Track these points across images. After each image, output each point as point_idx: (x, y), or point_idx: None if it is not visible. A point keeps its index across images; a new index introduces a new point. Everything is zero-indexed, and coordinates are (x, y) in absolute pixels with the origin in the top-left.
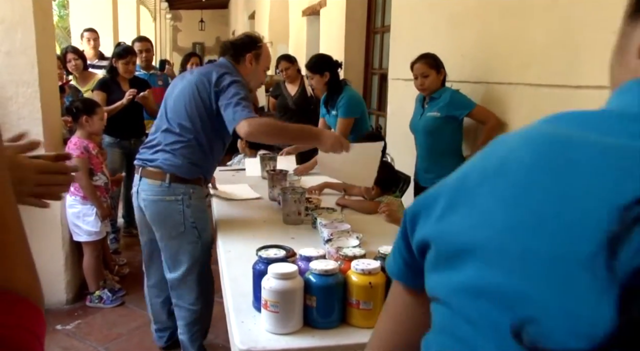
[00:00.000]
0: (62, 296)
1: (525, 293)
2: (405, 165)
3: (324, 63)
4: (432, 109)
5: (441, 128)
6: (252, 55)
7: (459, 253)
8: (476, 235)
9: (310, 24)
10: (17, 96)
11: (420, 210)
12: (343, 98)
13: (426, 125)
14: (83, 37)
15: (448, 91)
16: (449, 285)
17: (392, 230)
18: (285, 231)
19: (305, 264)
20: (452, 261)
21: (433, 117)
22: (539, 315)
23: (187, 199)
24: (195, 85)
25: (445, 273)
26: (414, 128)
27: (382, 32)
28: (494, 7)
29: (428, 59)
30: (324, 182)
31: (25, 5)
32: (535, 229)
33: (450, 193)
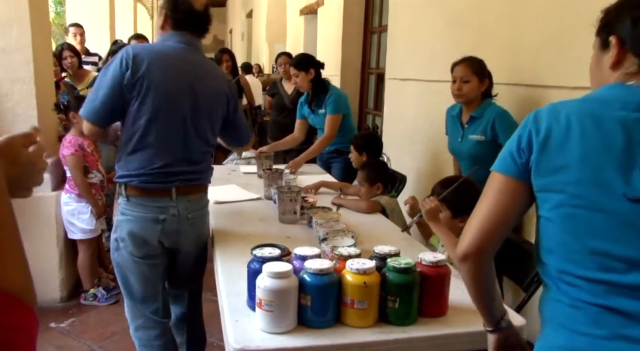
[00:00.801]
0: (56, 294)
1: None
2: (401, 165)
3: (308, 60)
4: (475, 131)
5: (490, 154)
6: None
7: (561, 167)
8: (568, 159)
9: (307, 23)
10: (12, 93)
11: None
12: (331, 96)
13: (471, 152)
14: (69, 32)
15: (492, 109)
16: (562, 181)
17: (387, 230)
18: (281, 230)
19: (300, 263)
20: (558, 171)
21: (477, 142)
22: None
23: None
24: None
25: (557, 176)
26: (456, 153)
27: (380, 32)
28: (490, 7)
29: (473, 62)
30: (320, 181)
31: (21, 2)
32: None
33: (545, 139)
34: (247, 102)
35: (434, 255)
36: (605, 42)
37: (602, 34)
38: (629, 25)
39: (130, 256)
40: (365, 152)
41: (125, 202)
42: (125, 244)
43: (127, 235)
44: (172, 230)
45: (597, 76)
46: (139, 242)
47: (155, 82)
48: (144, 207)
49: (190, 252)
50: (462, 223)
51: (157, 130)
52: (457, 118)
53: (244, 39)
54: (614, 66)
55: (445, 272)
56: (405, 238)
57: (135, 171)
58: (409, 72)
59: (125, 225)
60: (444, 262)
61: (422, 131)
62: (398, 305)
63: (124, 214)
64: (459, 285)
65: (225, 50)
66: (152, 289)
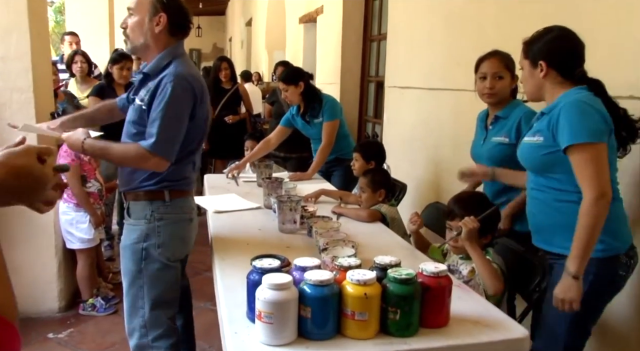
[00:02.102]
0: (54, 304)
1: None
2: (402, 173)
3: (297, 74)
4: (499, 132)
5: (512, 159)
6: None
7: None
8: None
9: (307, 31)
10: (11, 102)
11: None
12: (327, 104)
13: (492, 154)
14: (64, 40)
15: (520, 109)
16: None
17: (387, 239)
18: (280, 239)
19: (300, 274)
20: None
21: (499, 144)
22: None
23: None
24: None
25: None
26: (476, 157)
27: (379, 40)
28: (490, 15)
29: (504, 56)
30: (320, 190)
31: (20, 10)
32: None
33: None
34: (246, 109)
35: (435, 265)
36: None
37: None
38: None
39: (167, 261)
40: (373, 160)
41: (164, 206)
42: (164, 249)
43: (170, 238)
44: (195, 230)
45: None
46: (180, 244)
47: (204, 106)
48: (185, 207)
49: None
50: (485, 239)
51: (199, 146)
52: (482, 121)
53: (243, 47)
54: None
55: (447, 283)
56: (407, 248)
57: (180, 176)
58: (408, 79)
59: (167, 229)
60: (445, 272)
61: (422, 139)
62: (399, 316)
63: (163, 219)
64: (460, 295)
65: (224, 58)
66: (176, 292)
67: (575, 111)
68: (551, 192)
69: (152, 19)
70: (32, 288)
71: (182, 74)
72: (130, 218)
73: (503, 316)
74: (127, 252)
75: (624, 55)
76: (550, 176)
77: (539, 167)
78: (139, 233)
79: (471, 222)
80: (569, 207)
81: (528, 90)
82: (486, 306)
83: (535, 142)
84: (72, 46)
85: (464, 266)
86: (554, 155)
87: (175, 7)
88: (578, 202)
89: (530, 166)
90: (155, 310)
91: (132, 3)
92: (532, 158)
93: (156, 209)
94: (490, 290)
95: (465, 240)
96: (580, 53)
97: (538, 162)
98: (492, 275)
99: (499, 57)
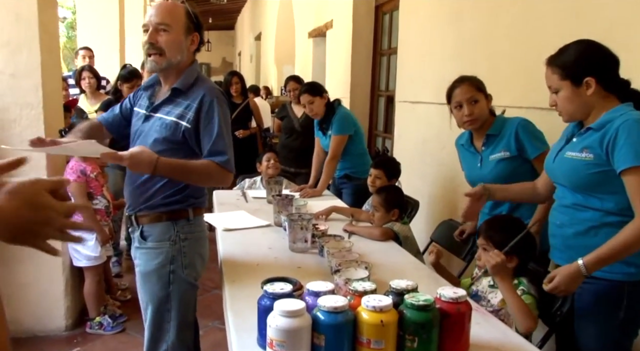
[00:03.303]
0: (61, 322)
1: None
2: (413, 189)
3: (319, 85)
4: (495, 150)
5: (519, 169)
6: None
7: None
8: None
9: (316, 45)
10: (20, 118)
11: None
12: (336, 116)
13: (497, 172)
14: (78, 55)
15: (511, 122)
16: None
17: (401, 259)
18: (291, 259)
19: (314, 299)
20: None
21: (501, 160)
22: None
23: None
24: None
25: None
26: (477, 180)
27: (389, 54)
28: (501, 30)
29: (473, 80)
30: (331, 207)
31: (31, 27)
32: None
33: None
34: (257, 124)
35: (453, 290)
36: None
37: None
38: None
39: (194, 281)
40: (395, 178)
41: (188, 225)
42: (191, 270)
43: (195, 258)
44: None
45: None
46: (202, 262)
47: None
48: (203, 224)
49: None
50: (510, 263)
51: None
52: (469, 145)
53: (253, 61)
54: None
55: (466, 309)
56: (421, 268)
57: (201, 193)
58: (419, 94)
59: (192, 248)
60: (464, 298)
61: (433, 154)
62: (417, 344)
63: (187, 239)
64: (479, 320)
65: (235, 73)
66: (195, 312)
67: (638, 132)
68: (588, 211)
69: (187, 37)
70: (39, 306)
71: (216, 90)
72: (146, 241)
73: (524, 342)
74: (152, 277)
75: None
76: (592, 195)
77: (583, 185)
78: (164, 256)
79: (495, 256)
80: (606, 230)
81: (572, 111)
82: (505, 332)
83: (583, 158)
84: (85, 60)
85: (494, 294)
86: (604, 175)
87: (201, 26)
88: (617, 225)
89: (572, 182)
90: (181, 333)
91: (168, 18)
92: (577, 175)
93: (181, 229)
94: (521, 327)
95: (495, 276)
96: (618, 63)
97: (585, 179)
98: (523, 312)
99: (469, 82)
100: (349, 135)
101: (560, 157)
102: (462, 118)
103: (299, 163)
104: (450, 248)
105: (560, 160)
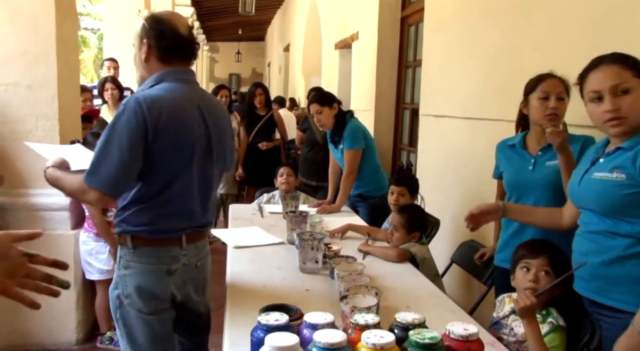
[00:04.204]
0: (72, 336)
1: None
2: (435, 206)
3: (329, 95)
4: (555, 157)
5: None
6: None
7: None
8: None
9: (342, 57)
10: (36, 129)
11: None
12: (347, 130)
13: (551, 180)
14: (104, 66)
15: (578, 136)
16: None
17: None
18: (300, 281)
19: (310, 332)
20: None
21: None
22: None
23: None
24: None
25: None
26: (525, 186)
27: (414, 66)
28: (526, 43)
29: (564, 80)
30: (347, 224)
31: (49, 38)
32: None
33: None
34: (280, 136)
35: (464, 326)
36: None
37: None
38: None
39: (138, 313)
40: (415, 194)
41: (130, 253)
42: (132, 301)
43: (134, 291)
44: (183, 280)
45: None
46: (147, 297)
47: (172, 137)
48: (154, 257)
49: (199, 301)
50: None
51: (174, 185)
52: (521, 146)
53: (281, 72)
54: None
55: (477, 348)
56: (436, 295)
57: (148, 222)
58: (443, 108)
59: (132, 280)
60: (475, 336)
61: (456, 170)
62: None
63: (129, 268)
64: None
65: (259, 84)
66: (163, 346)
67: None
68: (617, 238)
69: (140, 49)
70: (49, 319)
71: (141, 97)
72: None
73: None
74: (110, 296)
75: None
76: (622, 219)
77: (614, 208)
78: (114, 279)
79: (526, 298)
80: (636, 261)
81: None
82: None
83: (614, 179)
84: (110, 71)
85: (519, 322)
86: (637, 196)
87: (160, 30)
88: None
89: (601, 205)
90: None
91: (133, 37)
92: (607, 197)
93: (124, 255)
94: None
95: (523, 318)
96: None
97: (615, 201)
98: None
99: (560, 79)
100: (362, 149)
101: (586, 179)
102: (546, 110)
103: (320, 176)
104: (472, 271)
105: (587, 182)
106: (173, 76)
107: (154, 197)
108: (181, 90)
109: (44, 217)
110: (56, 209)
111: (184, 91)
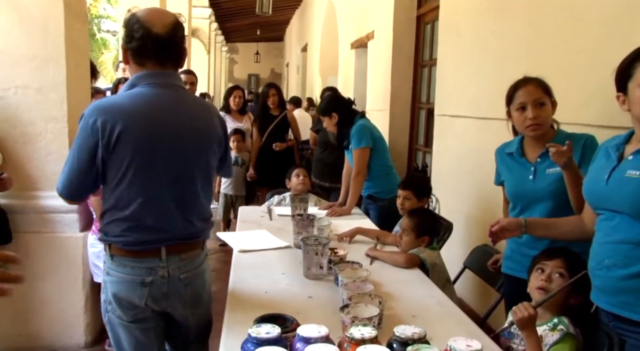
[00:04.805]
0: (80, 339)
1: None
2: (449, 209)
3: (330, 105)
4: (554, 164)
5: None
6: None
7: None
8: None
9: (358, 56)
10: (46, 132)
11: None
12: (353, 129)
13: (554, 189)
14: (119, 67)
15: (580, 136)
16: None
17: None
18: (304, 287)
19: (303, 346)
20: None
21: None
22: None
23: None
24: None
25: None
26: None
27: (430, 66)
28: (544, 43)
29: (540, 81)
30: (356, 228)
31: (58, 41)
32: None
33: None
34: (294, 137)
35: (467, 342)
36: None
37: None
38: None
39: (119, 320)
40: (425, 197)
41: (109, 261)
42: (113, 307)
43: (113, 298)
44: (160, 293)
45: None
46: (125, 305)
47: (131, 149)
48: (129, 268)
49: (188, 314)
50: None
51: (142, 199)
52: (519, 154)
53: (299, 72)
54: None
55: None
56: (443, 304)
57: (120, 234)
58: (458, 108)
59: (110, 287)
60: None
61: (470, 172)
62: None
63: (108, 274)
64: None
65: (272, 84)
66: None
67: None
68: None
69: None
70: (58, 322)
71: (100, 106)
72: None
73: None
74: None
75: None
76: None
77: None
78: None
79: (524, 309)
80: None
81: None
82: None
83: None
84: (124, 73)
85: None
86: None
87: (130, 30)
88: None
89: (637, 207)
90: None
91: None
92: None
93: (105, 261)
94: None
95: (522, 330)
96: None
97: None
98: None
99: (535, 82)
100: (369, 148)
101: (617, 178)
102: (525, 121)
103: (334, 178)
104: (485, 278)
105: (618, 181)
106: (146, 80)
107: (124, 209)
108: (151, 96)
109: (52, 219)
110: (65, 211)
111: (154, 98)
